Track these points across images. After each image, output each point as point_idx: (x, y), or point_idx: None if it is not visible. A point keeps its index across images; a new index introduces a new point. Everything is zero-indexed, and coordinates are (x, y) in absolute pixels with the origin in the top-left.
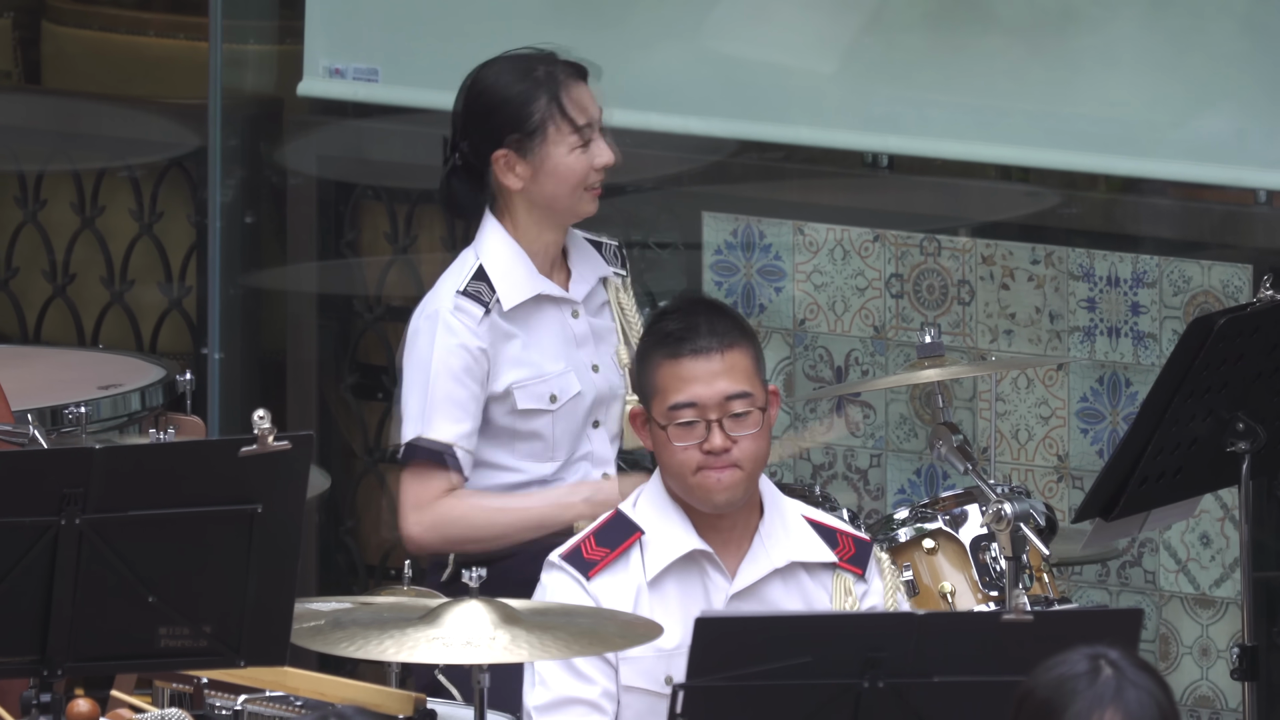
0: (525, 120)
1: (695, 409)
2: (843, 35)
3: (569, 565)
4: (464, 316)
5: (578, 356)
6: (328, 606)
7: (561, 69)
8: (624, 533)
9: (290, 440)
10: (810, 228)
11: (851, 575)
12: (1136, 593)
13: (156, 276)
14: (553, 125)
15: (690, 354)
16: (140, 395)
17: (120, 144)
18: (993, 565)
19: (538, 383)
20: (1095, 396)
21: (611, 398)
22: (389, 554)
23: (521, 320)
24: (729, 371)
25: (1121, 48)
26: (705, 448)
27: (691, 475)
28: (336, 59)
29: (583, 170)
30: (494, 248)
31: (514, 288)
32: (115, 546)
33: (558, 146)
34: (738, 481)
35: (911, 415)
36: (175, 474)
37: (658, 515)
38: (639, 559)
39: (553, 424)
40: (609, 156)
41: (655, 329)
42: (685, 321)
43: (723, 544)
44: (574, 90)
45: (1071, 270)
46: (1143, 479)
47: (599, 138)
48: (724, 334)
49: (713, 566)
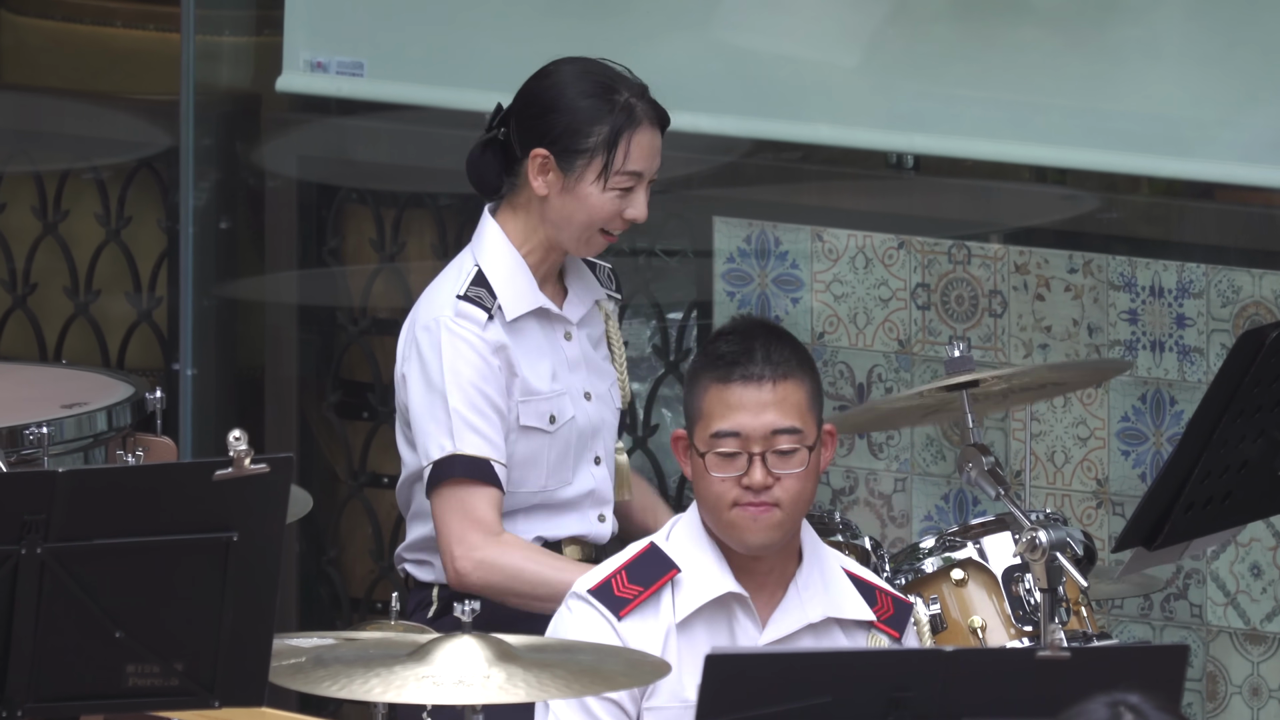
0: (581, 137)
1: (738, 439)
2: (865, 26)
3: (599, 602)
4: (467, 322)
5: (570, 380)
6: (309, 643)
7: (644, 109)
8: (659, 569)
9: (268, 463)
10: (830, 234)
11: (887, 637)
12: (1182, 628)
13: (124, 286)
14: (601, 158)
15: (740, 380)
16: (107, 415)
17: (85, 143)
18: (1027, 598)
19: (538, 400)
20: (1137, 416)
21: (606, 433)
22: (374, 585)
23: (521, 333)
24: (780, 403)
25: (1166, 39)
26: (744, 482)
27: (727, 510)
28: (318, 51)
29: (608, 213)
30: (495, 254)
31: (517, 297)
32: (79, 577)
33: (595, 178)
34: (775, 524)
35: (939, 436)
36: (144, 500)
37: (694, 551)
38: (670, 598)
39: (549, 448)
40: (641, 213)
41: (708, 350)
42: (740, 345)
43: (757, 589)
44: (641, 136)
45: (1112, 280)
46: (1188, 505)
47: (642, 189)
48: (780, 363)
49: (744, 612)
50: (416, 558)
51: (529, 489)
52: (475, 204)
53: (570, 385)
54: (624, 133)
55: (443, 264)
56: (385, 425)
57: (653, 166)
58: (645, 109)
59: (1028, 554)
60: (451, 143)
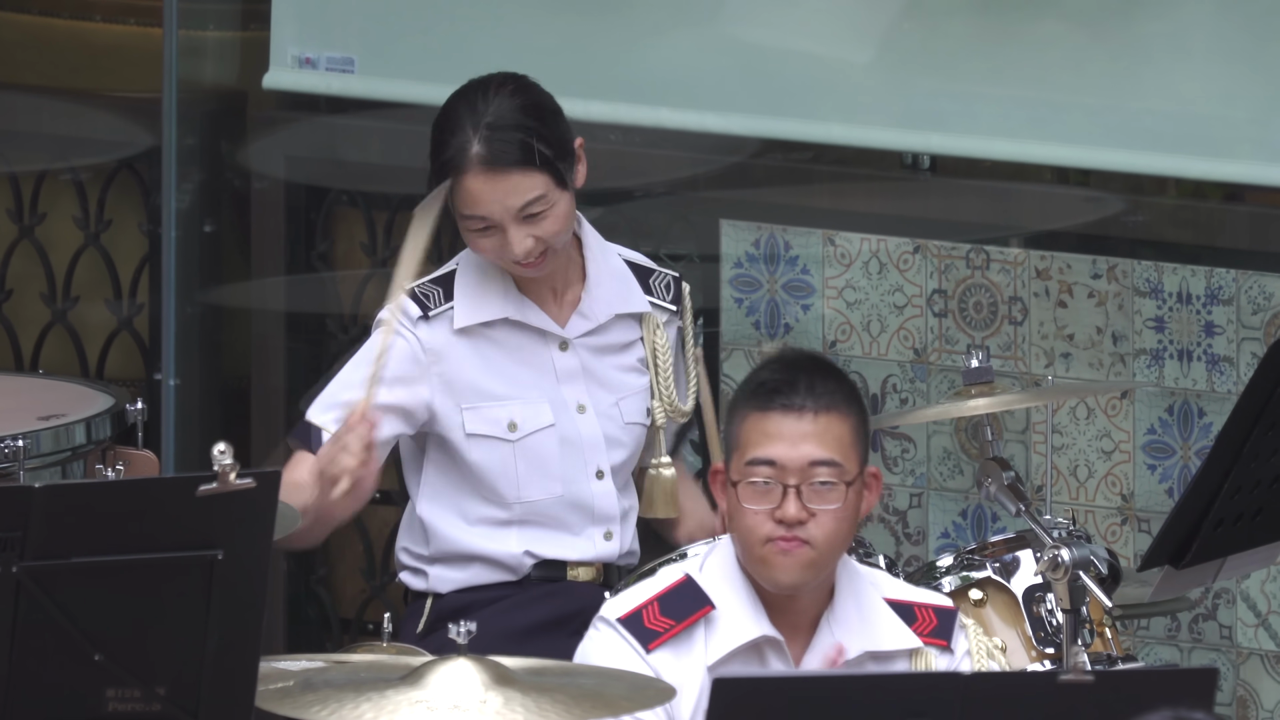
0: (438, 182)
1: (773, 469)
2: (879, 20)
3: (627, 632)
4: (400, 314)
5: (557, 391)
6: (297, 665)
7: (473, 151)
8: (693, 604)
9: (255, 478)
10: (842, 238)
11: (935, 650)
12: (1211, 650)
13: (104, 292)
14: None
15: (780, 409)
16: (85, 427)
17: (63, 143)
18: (1048, 619)
19: (490, 405)
20: (1164, 428)
21: (611, 447)
22: (366, 606)
23: (479, 340)
24: (820, 435)
25: (1194, 34)
26: (777, 515)
27: (759, 546)
28: (307, 47)
29: (488, 251)
30: (474, 260)
31: (475, 308)
32: (57, 597)
33: (461, 223)
34: (806, 563)
35: (956, 449)
36: (125, 516)
37: (727, 588)
38: (703, 637)
39: (514, 457)
40: (514, 253)
41: (750, 379)
42: (784, 375)
43: (791, 629)
44: (472, 180)
45: (1137, 285)
46: (1218, 521)
47: (512, 229)
48: (823, 394)
49: (776, 654)
50: (411, 564)
51: (503, 499)
52: None
53: (557, 396)
54: (457, 178)
55: (436, 268)
56: None
57: (500, 209)
58: (475, 152)
59: (1049, 573)
60: None
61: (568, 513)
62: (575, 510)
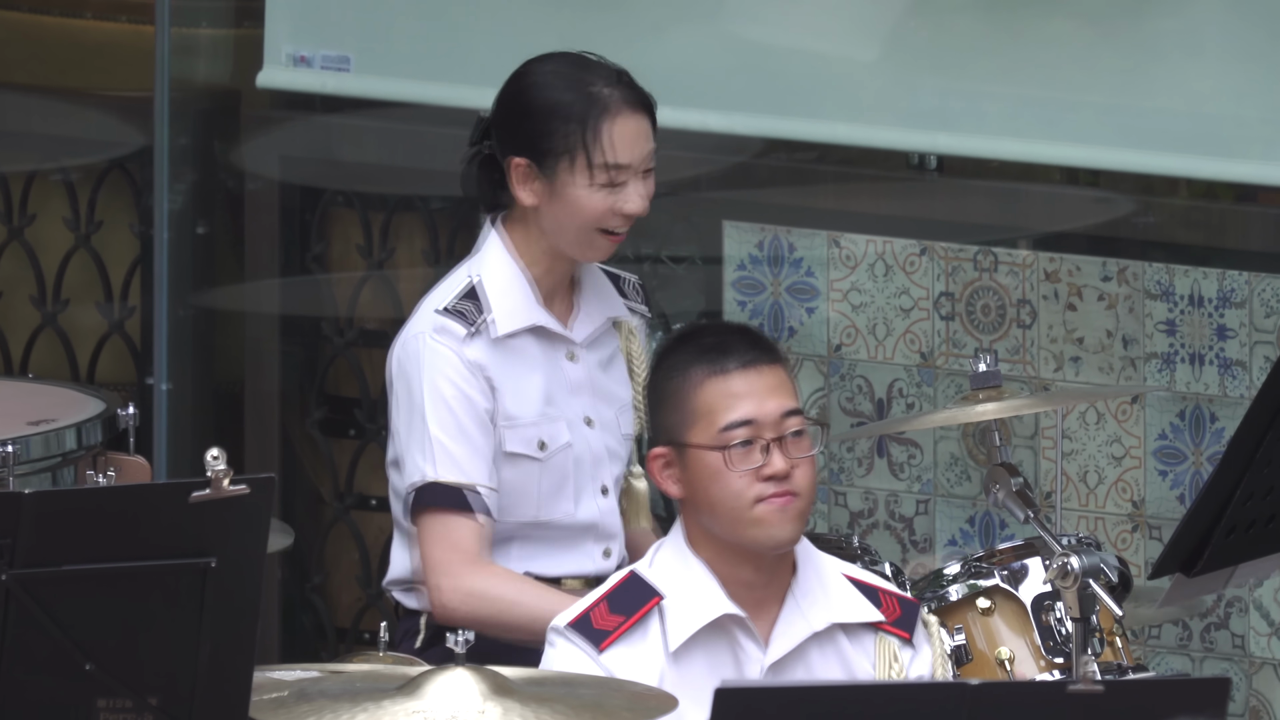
0: (555, 137)
1: (750, 427)
2: (885, 17)
3: (577, 635)
4: (446, 338)
5: (569, 404)
6: (292, 675)
7: (620, 94)
8: (640, 597)
9: (248, 484)
10: (847, 239)
11: (897, 640)
12: (1223, 659)
13: (95, 295)
14: (580, 154)
15: (739, 367)
16: (76, 432)
17: (53, 143)
18: (1058, 628)
19: (527, 425)
20: (1175, 433)
21: (611, 461)
22: (361, 614)
23: (511, 352)
24: (781, 386)
25: (1206, 32)
26: (766, 472)
27: (750, 509)
28: (302, 45)
29: (600, 211)
30: (494, 266)
31: (510, 313)
32: (47, 606)
33: (579, 176)
34: (799, 513)
35: (964, 455)
36: (116, 523)
37: (680, 575)
38: (659, 628)
39: (540, 477)
40: (637, 206)
41: (686, 346)
42: (720, 336)
43: (755, 605)
44: (621, 124)
45: (1148, 288)
46: (1230, 528)
47: (636, 181)
48: (764, 347)
49: (744, 634)
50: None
51: (519, 518)
52: (469, 208)
53: (569, 410)
54: (599, 124)
55: (434, 271)
56: (373, 444)
57: (639, 154)
58: (620, 94)
59: (1059, 581)
60: (444, 142)
61: (573, 531)
62: (581, 528)
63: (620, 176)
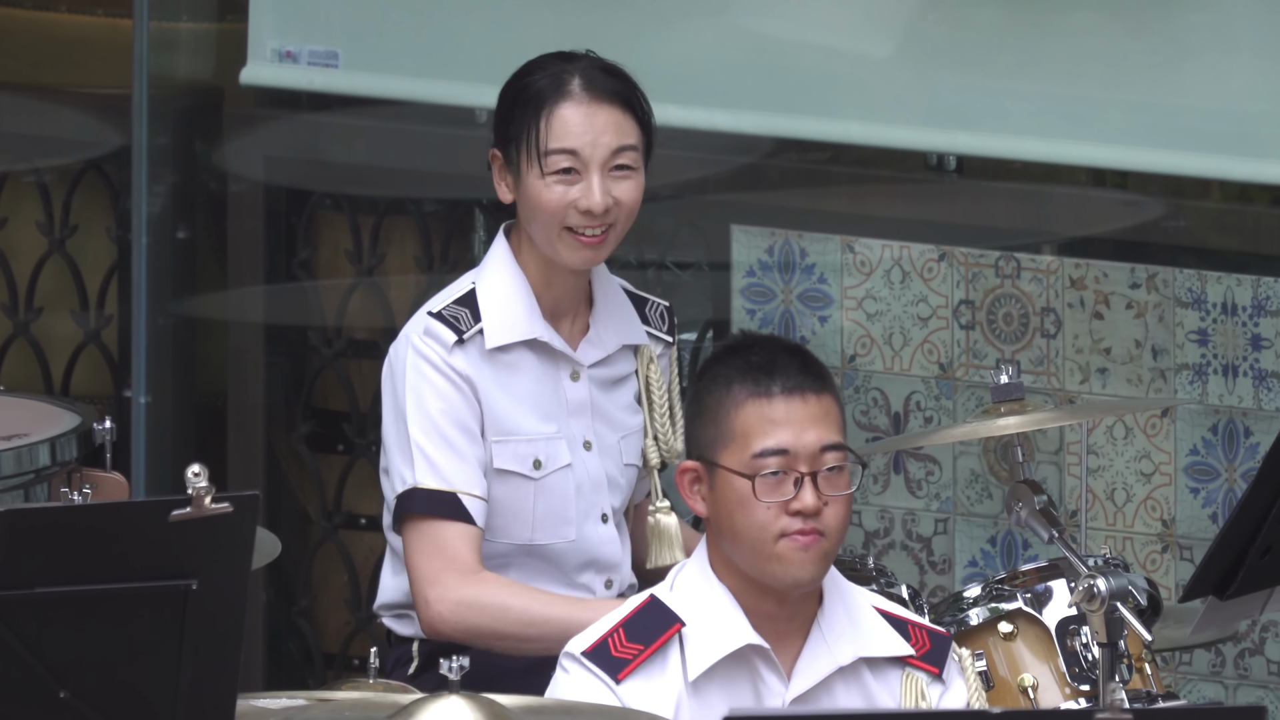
0: (512, 124)
1: (784, 458)
2: (902, 11)
3: (593, 664)
4: (433, 342)
5: (569, 424)
6: (278, 704)
7: (582, 80)
8: (661, 624)
9: (231, 502)
10: (862, 244)
11: (925, 675)
12: (1258, 686)
13: (70, 304)
14: (532, 139)
15: (783, 392)
16: (50, 447)
17: (25, 142)
18: (1083, 653)
19: (520, 441)
20: (1207, 449)
21: (611, 490)
22: (350, 639)
23: (503, 366)
24: (825, 418)
25: (1239, 26)
26: (793, 508)
27: (772, 543)
28: (288, 40)
29: (556, 205)
30: (495, 273)
31: (505, 326)
32: (20, 630)
33: (533, 165)
34: (823, 554)
35: (985, 471)
36: (93, 543)
37: (702, 600)
38: (678, 656)
39: (535, 498)
40: (592, 201)
41: (733, 360)
42: (770, 355)
43: (777, 637)
44: (573, 108)
45: (1179, 296)
46: (1265, 549)
47: (598, 175)
48: (817, 375)
49: (766, 665)
50: (395, 611)
51: (513, 540)
52: (462, 211)
53: (569, 430)
54: (552, 108)
55: (426, 278)
56: (362, 460)
57: (594, 143)
58: (582, 80)
59: (1085, 604)
60: (436, 142)
61: (571, 559)
62: (580, 556)
63: (574, 165)
